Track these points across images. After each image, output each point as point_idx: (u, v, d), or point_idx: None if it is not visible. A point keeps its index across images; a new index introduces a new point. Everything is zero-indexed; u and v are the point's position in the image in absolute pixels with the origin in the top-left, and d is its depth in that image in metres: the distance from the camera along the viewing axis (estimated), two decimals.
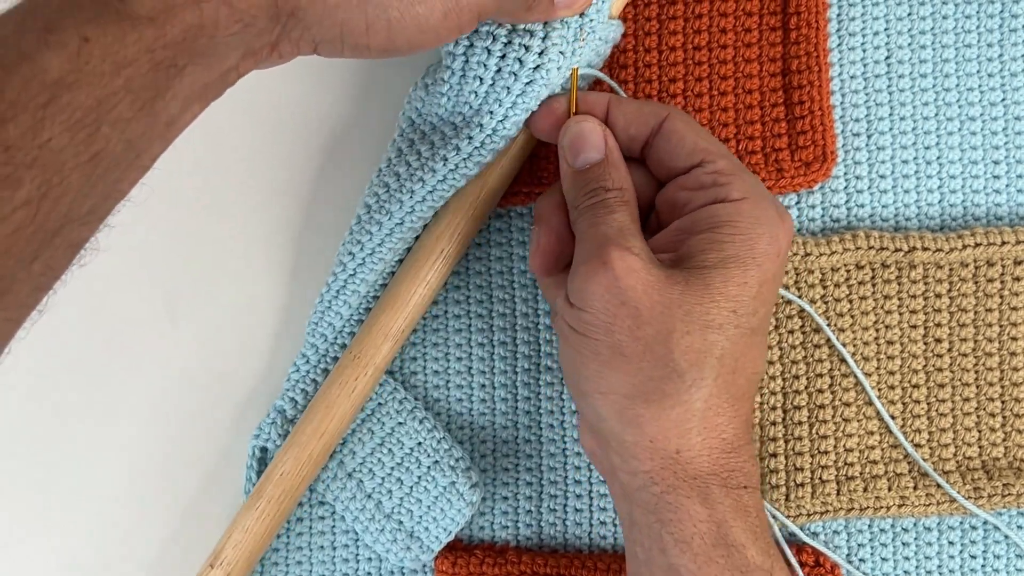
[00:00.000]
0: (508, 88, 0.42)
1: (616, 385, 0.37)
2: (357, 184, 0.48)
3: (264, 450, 0.47)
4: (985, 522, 0.47)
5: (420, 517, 0.46)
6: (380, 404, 0.47)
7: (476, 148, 0.43)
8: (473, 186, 0.45)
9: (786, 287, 0.47)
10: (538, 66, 0.41)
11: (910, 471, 0.46)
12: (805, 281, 0.47)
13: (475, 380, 0.48)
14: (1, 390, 0.49)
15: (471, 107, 0.43)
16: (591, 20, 0.42)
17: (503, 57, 0.41)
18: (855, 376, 0.46)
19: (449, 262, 0.45)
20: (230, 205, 0.50)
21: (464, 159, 0.43)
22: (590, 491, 0.48)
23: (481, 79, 0.41)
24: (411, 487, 0.47)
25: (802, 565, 0.46)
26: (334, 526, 0.48)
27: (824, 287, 0.47)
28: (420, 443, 0.47)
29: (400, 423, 0.47)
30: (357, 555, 0.48)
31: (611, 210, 0.38)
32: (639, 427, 0.37)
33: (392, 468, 0.47)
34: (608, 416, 0.37)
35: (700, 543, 0.36)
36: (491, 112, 0.42)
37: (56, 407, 0.50)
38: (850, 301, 0.47)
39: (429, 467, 0.47)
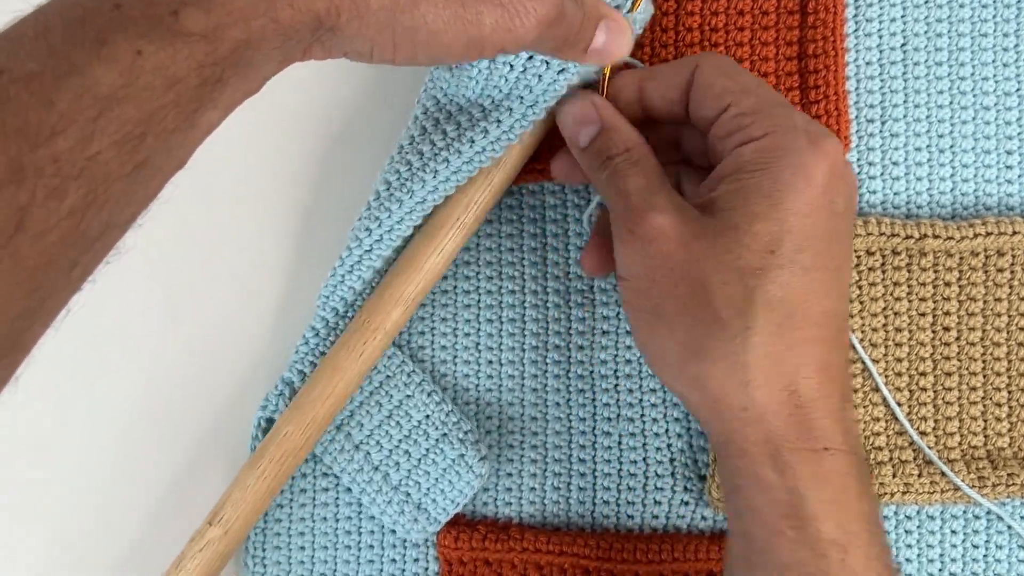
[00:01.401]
0: (540, 76, 0.41)
1: (666, 349, 0.36)
2: (367, 162, 0.49)
3: (270, 421, 0.47)
4: (988, 512, 0.47)
5: (428, 489, 0.46)
6: (388, 376, 0.47)
7: (504, 132, 0.42)
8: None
9: None
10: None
11: (915, 458, 0.46)
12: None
13: (482, 356, 0.48)
14: None
15: (500, 91, 0.42)
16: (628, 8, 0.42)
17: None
18: (862, 362, 0.46)
19: (464, 231, 0.44)
20: (240, 181, 0.50)
21: (492, 142, 0.43)
22: (594, 470, 0.48)
23: (512, 65, 0.41)
24: (419, 459, 0.47)
25: None
26: (337, 497, 0.48)
27: None
28: (428, 416, 0.47)
29: (408, 395, 0.47)
30: (360, 527, 0.48)
31: (624, 175, 0.38)
32: (700, 388, 0.35)
33: (400, 440, 0.47)
34: (673, 384, 0.37)
35: (771, 512, 0.35)
36: (521, 98, 0.42)
37: (58, 376, 0.50)
38: (859, 287, 0.47)
39: (437, 439, 0.46)
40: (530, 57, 0.41)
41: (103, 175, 0.27)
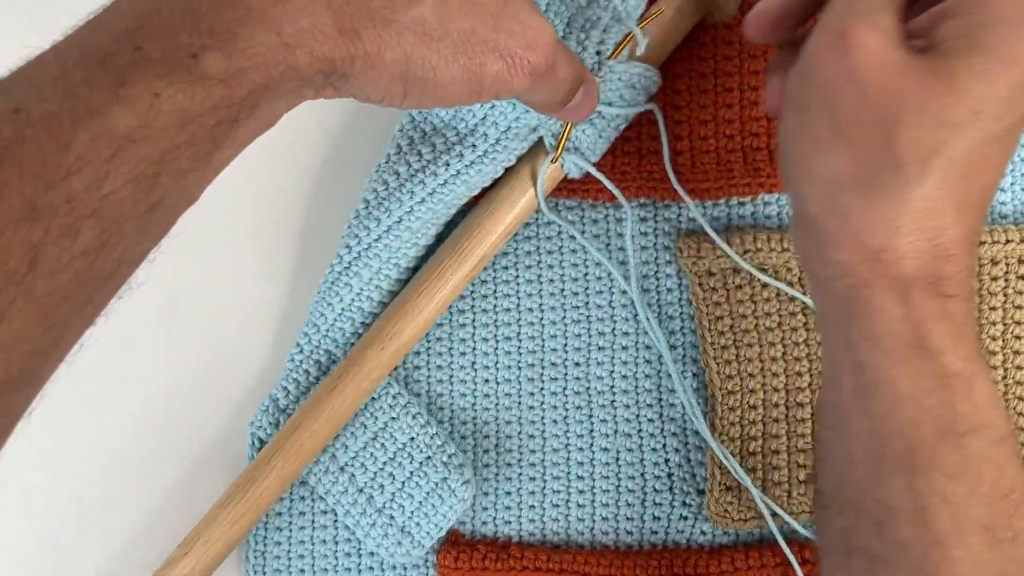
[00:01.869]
0: (514, 104, 0.42)
1: (828, 168, 0.34)
2: (360, 180, 0.49)
3: (263, 441, 0.47)
4: None
5: (412, 512, 0.46)
6: (374, 399, 0.47)
7: (479, 156, 0.43)
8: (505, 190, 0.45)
9: (790, 284, 0.47)
10: None
11: None
12: (808, 280, 0.47)
13: (479, 375, 0.48)
14: None
15: (475, 115, 0.43)
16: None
17: None
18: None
19: (457, 273, 0.46)
20: (234, 199, 0.51)
21: (467, 166, 0.44)
22: (592, 487, 0.48)
23: None
24: (403, 482, 0.47)
25: (804, 562, 0.46)
26: (336, 521, 0.49)
27: None
28: (413, 438, 0.47)
29: (393, 418, 0.47)
30: (359, 550, 0.49)
31: None
32: (844, 217, 0.34)
33: (384, 463, 0.47)
34: (812, 199, 0.35)
35: (892, 341, 0.34)
36: (496, 123, 0.43)
37: (53, 392, 0.50)
38: None
39: (421, 463, 0.47)
40: None
41: (117, 214, 0.27)
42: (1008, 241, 0.46)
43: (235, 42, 0.29)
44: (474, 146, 0.44)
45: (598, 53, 0.42)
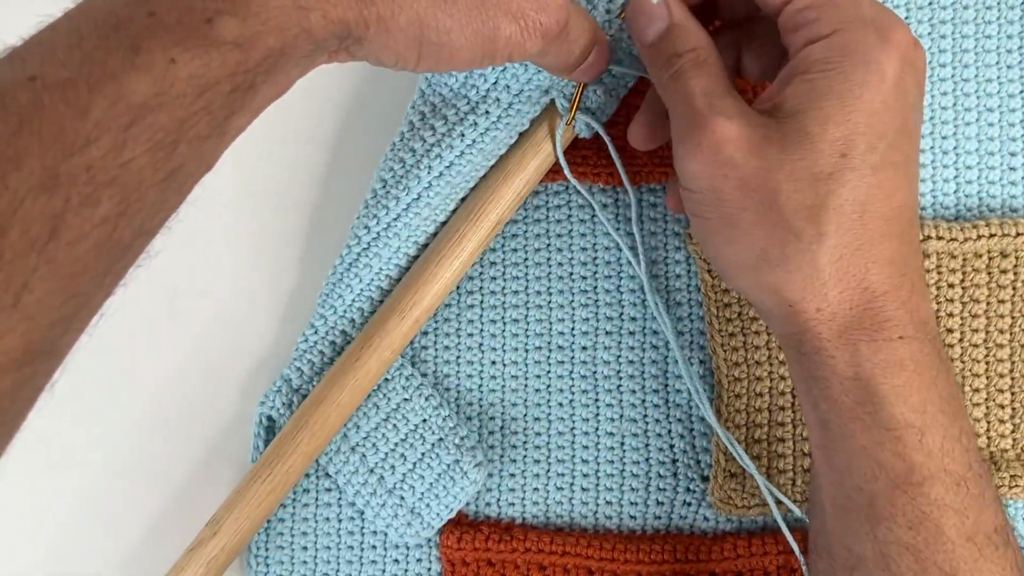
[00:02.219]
0: (526, 66, 0.42)
1: (740, 256, 0.36)
2: (370, 161, 0.49)
3: (271, 419, 0.47)
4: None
5: (423, 494, 0.46)
6: (386, 380, 0.47)
7: (493, 123, 0.43)
8: (498, 172, 0.45)
9: None
10: None
11: None
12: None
13: (485, 357, 0.48)
14: None
15: (486, 80, 0.43)
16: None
17: None
18: None
19: (463, 246, 0.46)
20: (246, 178, 0.51)
21: (482, 134, 0.43)
22: (597, 471, 0.48)
23: None
24: (415, 463, 0.47)
25: (807, 551, 0.46)
26: (340, 498, 0.49)
27: None
28: (425, 420, 0.47)
29: (406, 399, 0.47)
30: (362, 528, 0.48)
31: (689, 76, 0.37)
32: (774, 293, 0.36)
33: (396, 444, 0.47)
34: (747, 288, 0.37)
35: (845, 398, 0.36)
36: (508, 87, 0.43)
37: (62, 378, 0.50)
38: None
39: (433, 444, 0.47)
40: None
41: (136, 183, 0.27)
42: (1019, 234, 0.46)
43: (249, 6, 0.28)
44: (487, 113, 0.44)
45: (608, 11, 0.42)
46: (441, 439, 0.47)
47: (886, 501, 0.36)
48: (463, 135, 0.44)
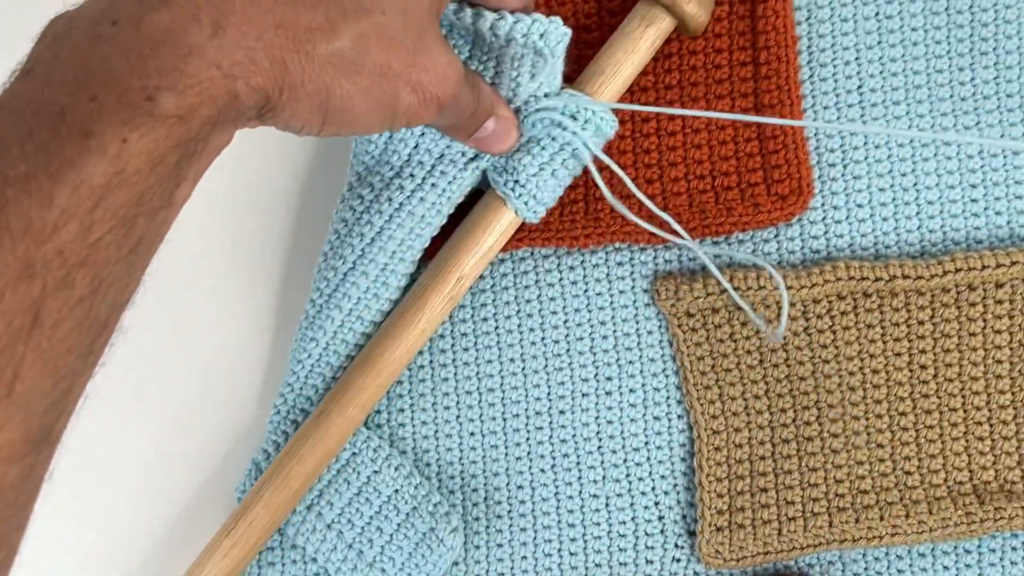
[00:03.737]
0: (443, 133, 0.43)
1: None
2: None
3: None
4: (979, 545, 0.47)
5: (403, 564, 0.46)
6: (354, 454, 0.47)
7: (419, 184, 0.45)
8: (468, 225, 0.45)
9: (768, 321, 0.47)
10: None
11: (901, 499, 0.47)
12: (787, 315, 0.47)
13: (463, 428, 0.48)
14: None
15: (406, 145, 0.44)
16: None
17: None
18: (841, 398, 0.47)
19: (429, 306, 0.45)
20: (215, 248, 0.51)
21: (408, 196, 0.45)
22: (583, 534, 0.48)
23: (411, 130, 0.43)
24: (391, 535, 0.47)
25: None
26: (306, 569, 0.48)
27: (807, 319, 0.47)
28: (397, 491, 0.47)
29: (376, 471, 0.47)
30: None
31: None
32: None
33: (371, 517, 0.47)
34: None
35: None
36: (428, 150, 0.44)
37: None
38: (833, 332, 0.47)
39: (408, 514, 0.47)
40: None
41: (104, 260, 0.28)
42: (984, 267, 0.46)
43: (183, 79, 0.29)
44: (412, 175, 0.45)
45: (533, 94, 0.42)
46: (415, 508, 0.47)
47: None
48: (390, 199, 0.44)
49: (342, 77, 0.34)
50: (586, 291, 0.48)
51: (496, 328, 0.48)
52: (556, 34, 0.40)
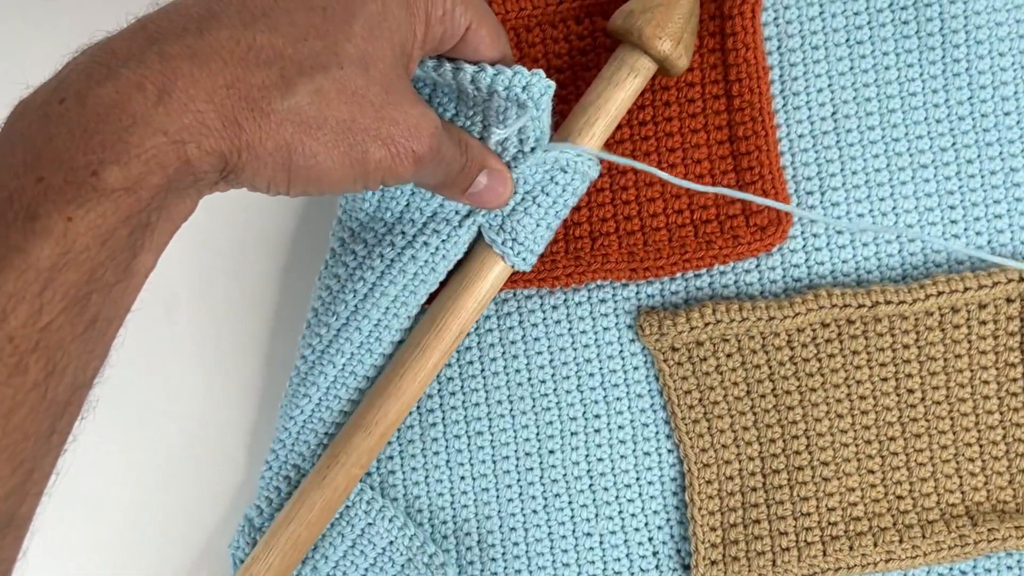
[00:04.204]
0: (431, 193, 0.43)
1: None
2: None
3: (242, 561, 0.47)
4: (975, 566, 0.47)
5: None
6: (348, 506, 0.47)
7: (409, 242, 0.44)
8: (456, 284, 0.45)
9: (753, 352, 0.47)
10: None
11: (894, 524, 0.47)
12: (772, 344, 0.47)
13: (454, 473, 0.48)
14: None
15: (398, 203, 0.44)
16: (528, 141, 0.42)
17: None
18: (828, 430, 0.47)
19: (426, 356, 0.45)
20: (202, 305, 0.51)
21: (399, 253, 0.44)
22: (579, 573, 0.48)
23: (402, 189, 0.43)
24: None
25: None
26: None
27: (792, 348, 0.47)
28: (392, 542, 0.47)
29: (370, 523, 0.47)
30: None
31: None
32: None
33: (366, 569, 0.47)
34: None
35: None
36: (420, 208, 0.43)
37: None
38: (819, 360, 0.47)
39: (403, 565, 0.47)
40: None
41: (58, 341, 0.28)
42: (967, 289, 0.46)
43: (128, 150, 0.29)
44: (403, 232, 0.44)
45: (521, 142, 0.42)
46: (409, 559, 0.47)
47: None
48: (382, 255, 0.44)
49: (303, 134, 0.33)
50: (570, 330, 0.48)
51: (482, 371, 0.48)
52: (539, 86, 0.40)
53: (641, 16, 0.43)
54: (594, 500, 0.48)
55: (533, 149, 0.42)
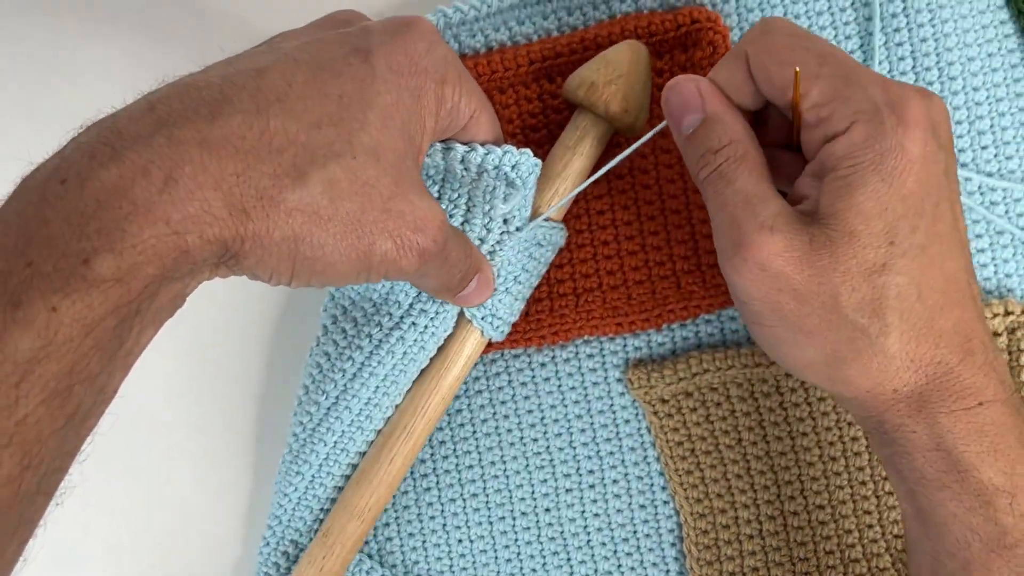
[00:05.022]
0: None
1: (810, 358, 0.36)
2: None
3: None
4: None
5: None
6: None
7: (396, 323, 0.44)
8: (437, 362, 0.45)
9: (742, 399, 0.47)
10: None
11: (892, 564, 0.47)
12: (760, 391, 0.47)
13: (451, 536, 0.48)
14: None
15: (384, 284, 0.44)
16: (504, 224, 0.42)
17: None
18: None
19: (413, 438, 0.45)
20: (191, 386, 0.51)
21: (386, 334, 0.44)
22: None
23: None
24: None
25: None
26: None
27: (780, 394, 0.47)
28: None
29: None
30: None
31: (728, 179, 0.36)
32: (850, 384, 0.36)
33: None
34: (820, 382, 0.37)
35: (929, 469, 0.36)
36: (404, 290, 0.43)
37: None
38: (808, 404, 0.47)
39: None
40: None
41: (35, 435, 0.27)
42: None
43: (124, 239, 0.28)
44: (389, 314, 0.44)
45: (505, 222, 0.42)
46: None
47: (981, 565, 0.36)
48: (370, 336, 0.44)
49: (312, 225, 0.32)
50: (560, 387, 0.48)
51: (474, 432, 0.49)
52: (527, 165, 0.40)
53: (605, 90, 0.43)
54: (592, 556, 0.48)
55: (518, 228, 0.42)
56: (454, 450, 0.49)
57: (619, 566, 0.48)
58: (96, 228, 0.28)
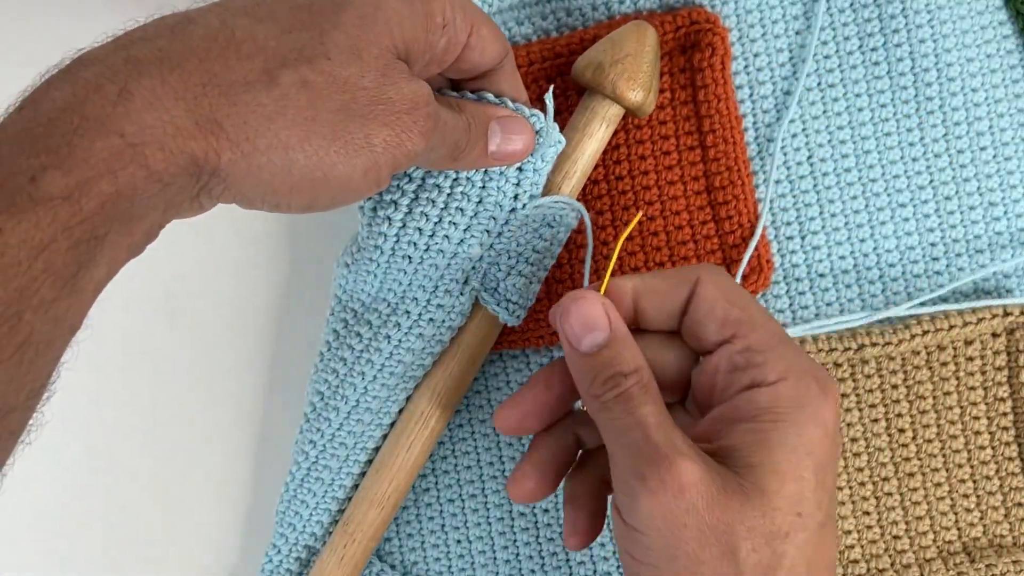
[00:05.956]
0: (436, 265, 0.42)
1: None
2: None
3: None
4: None
5: None
6: None
7: (415, 321, 0.43)
8: (452, 349, 0.45)
9: None
10: (461, 240, 0.41)
11: (892, 565, 0.47)
12: None
13: (450, 537, 0.48)
14: None
15: (400, 283, 0.43)
16: (526, 198, 0.42)
17: (432, 236, 0.41)
18: None
19: (430, 427, 0.45)
20: (184, 413, 0.51)
21: (406, 333, 0.43)
22: None
23: (410, 258, 0.42)
24: None
25: None
26: None
27: None
28: None
29: None
30: None
31: (639, 403, 0.34)
32: None
33: None
34: None
35: None
36: (422, 287, 0.43)
37: None
38: None
39: None
40: (427, 248, 0.41)
41: None
42: (952, 327, 0.46)
43: (73, 154, 0.27)
44: (408, 312, 0.43)
45: (515, 198, 0.42)
46: None
47: None
48: (388, 337, 0.43)
49: (298, 128, 0.30)
50: None
51: (472, 433, 0.48)
52: (554, 136, 0.41)
53: (611, 69, 0.43)
54: (592, 557, 0.48)
55: (524, 205, 0.42)
56: (452, 451, 0.49)
57: (618, 567, 0.48)
58: (44, 145, 0.27)
